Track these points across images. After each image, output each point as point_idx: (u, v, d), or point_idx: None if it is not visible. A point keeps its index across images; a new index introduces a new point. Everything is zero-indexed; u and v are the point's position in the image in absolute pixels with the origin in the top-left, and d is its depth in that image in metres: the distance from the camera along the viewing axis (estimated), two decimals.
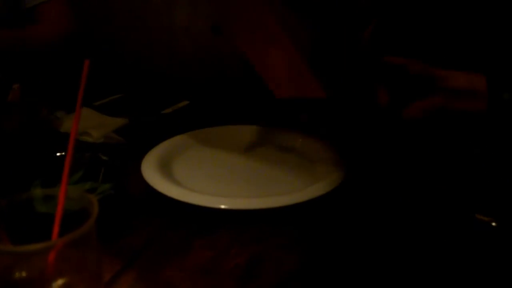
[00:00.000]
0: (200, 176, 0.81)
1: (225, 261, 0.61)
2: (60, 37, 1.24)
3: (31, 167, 0.76)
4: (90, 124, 1.02)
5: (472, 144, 0.77)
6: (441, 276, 0.58)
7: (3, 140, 0.88)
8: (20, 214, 0.50)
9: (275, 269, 0.60)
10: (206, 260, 0.61)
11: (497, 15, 0.75)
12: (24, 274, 0.46)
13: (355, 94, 0.83)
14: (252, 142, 0.93)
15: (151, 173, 0.77)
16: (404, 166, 0.82)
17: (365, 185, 0.78)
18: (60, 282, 0.46)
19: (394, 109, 0.70)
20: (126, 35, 1.48)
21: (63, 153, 0.76)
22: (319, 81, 0.75)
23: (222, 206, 0.70)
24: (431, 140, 0.82)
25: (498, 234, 0.65)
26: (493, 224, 0.66)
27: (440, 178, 0.78)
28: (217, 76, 1.32)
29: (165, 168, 0.81)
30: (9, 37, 1.16)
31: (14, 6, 1.22)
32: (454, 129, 0.77)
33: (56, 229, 0.47)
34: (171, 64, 1.42)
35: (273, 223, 0.69)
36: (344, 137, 0.90)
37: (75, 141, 0.96)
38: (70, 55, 1.20)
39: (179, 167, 0.84)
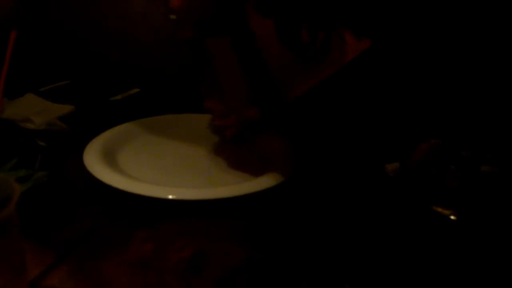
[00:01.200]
0: (145, 165, 0.76)
1: (168, 255, 0.57)
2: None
3: None
4: (33, 111, 0.95)
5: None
6: (395, 270, 0.56)
7: None
8: None
9: (220, 263, 0.56)
10: (146, 254, 0.57)
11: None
12: None
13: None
14: (202, 131, 0.88)
15: (92, 160, 0.72)
16: (357, 156, 0.80)
17: (316, 177, 0.75)
18: None
19: None
20: (79, 21, 1.41)
21: None
22: None
23: (170, 197, 0.65)
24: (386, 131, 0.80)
25: (457, 228, 0.63)
26: (452, 217, 0.63)
27: (394, 169, 0.75)
28: (175, 64, 1.27)
29: (109, 157, 0.76)
30: None
31: None
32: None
33: None
34: (127, 52, 1.36)
35: (219, 215, 0.65)
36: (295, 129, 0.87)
37: (16, 128, 0.91)
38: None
39: (123, 155, 0.79)
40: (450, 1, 0.72)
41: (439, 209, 0.65)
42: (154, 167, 0.76)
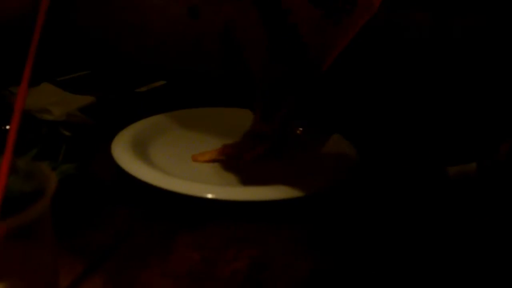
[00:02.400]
0: (182, 161, 0.67)
1: (220, 265, 0.48)
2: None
3: None
4: (50, 101, 0.87)
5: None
6: (470, 280, 0.47)
7: None
8: None
9: (283, 276, 0.47)
10: (195, 263, 0.48)
11: None
12: None
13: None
14: (237, 126, 0.78)
15: (123, 154, 0.63)
16: (413, 154, 0.72)
17: (380, 176, 0.66)
18: None
19: None
20: (96, 16, 1.33)
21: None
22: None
23: (209, 196, 0.56)
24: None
25: None
26: None
27: (457, 173, 0.66)
28: (195, 62, 1.19)
29: (140, 150, 0.67)
30: None
31: None
32: None
33: None
34: (144, 47, 1.28)
35: (274, 220, 0.56)
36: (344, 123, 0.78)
37: (33, 118, 0.82)
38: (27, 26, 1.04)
39: (156, 149, 0.70)
40: None
41: None
42: (192, 162, 0.67)
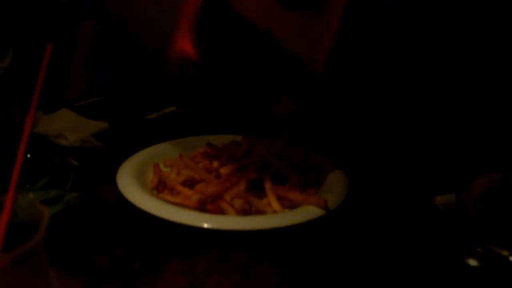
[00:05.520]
0: None
1: None
2: None
3: None
4: (67, 126, 0.93)
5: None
6: None
7: None
8: None
9: None
10: None
11: None
12: None
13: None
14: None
15: (125, 182, 0.69)
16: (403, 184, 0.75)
17: (368, 203, 0.70)
18: None
19: None
20: (116, 36, 1.38)
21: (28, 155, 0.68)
22: None
23: (205, 226, 0.61)
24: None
25: None
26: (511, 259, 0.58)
27: (446, 203, 0.69)
28: (210, 83, 1.24)
29: (143, 178, 0.72)
30: None
31: None
32: None
33: None
34: (163, 69, 1.33)
35: (260, 248, 0.60)
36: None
37: (49, 144, 0.88)
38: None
39: None
40: None
41: (497, 249, 0.59)
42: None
